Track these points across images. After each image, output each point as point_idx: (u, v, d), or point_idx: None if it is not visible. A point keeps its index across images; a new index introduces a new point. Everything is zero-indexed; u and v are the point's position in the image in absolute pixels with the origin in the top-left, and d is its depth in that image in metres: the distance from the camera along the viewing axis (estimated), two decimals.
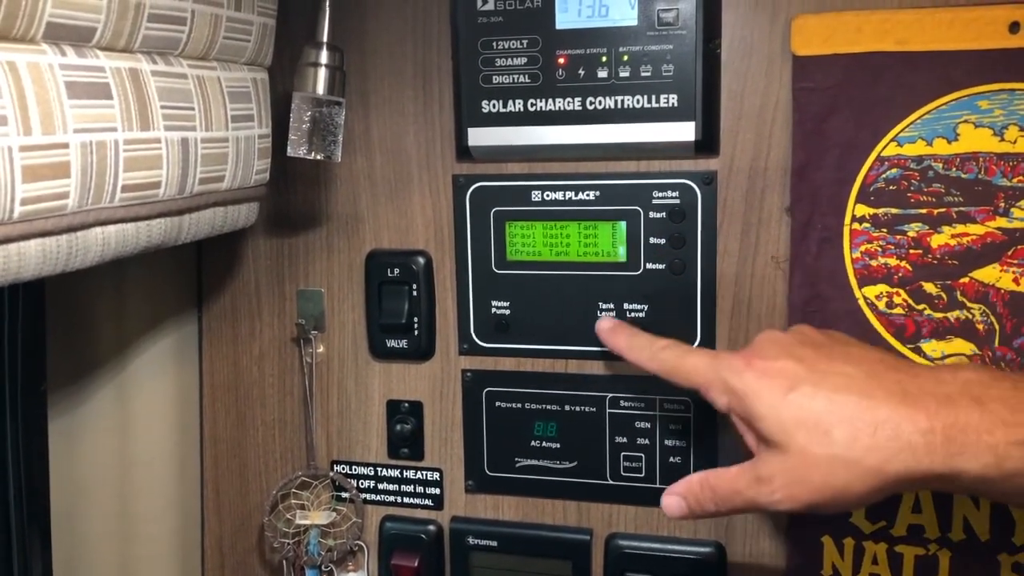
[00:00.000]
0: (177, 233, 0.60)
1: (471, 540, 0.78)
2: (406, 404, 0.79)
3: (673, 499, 0.56)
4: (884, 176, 0.65)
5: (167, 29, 0.54)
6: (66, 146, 0.46)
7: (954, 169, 0.63)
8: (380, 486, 0.81)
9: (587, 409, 0.74)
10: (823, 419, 0.49)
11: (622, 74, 0.68)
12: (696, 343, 0.71)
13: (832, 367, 0.51)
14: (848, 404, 0.48)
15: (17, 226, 0.44)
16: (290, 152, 0.67)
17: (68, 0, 0.46)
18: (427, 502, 0.80)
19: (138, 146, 0.52)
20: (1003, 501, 0.55)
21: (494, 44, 0.70)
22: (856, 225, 0.66)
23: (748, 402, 0.52)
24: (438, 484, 0.79)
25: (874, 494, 0.48)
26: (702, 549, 0.73)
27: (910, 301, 0.65)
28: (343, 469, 0.82)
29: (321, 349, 0.81)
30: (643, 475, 0.74)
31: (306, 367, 0.81)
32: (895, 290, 0.65)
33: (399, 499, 0.81)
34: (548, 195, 0.72)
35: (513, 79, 0.70)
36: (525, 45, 0.69)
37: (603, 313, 0.72)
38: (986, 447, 0.45)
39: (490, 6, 0.69)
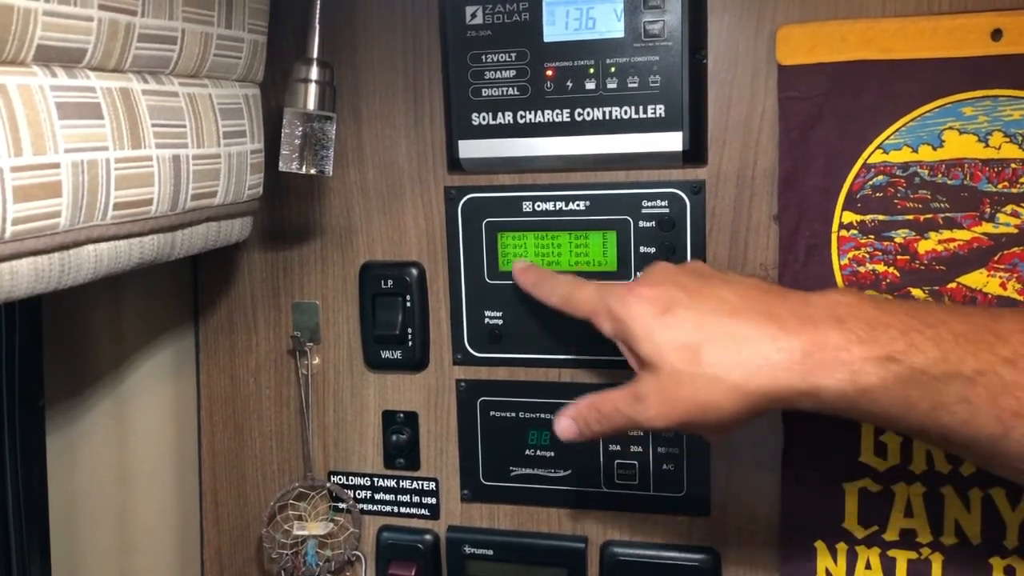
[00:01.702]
0: (170, 249, 0.60)
1: (467, 549, 0.78)
2: (401, 415, 0.79)
3: (565, 421, 0.59)
4: (870, 183, 0.65)
5: (157, 48, 0.55)
6: (57, 166, 0.47)
7: (940, 175, 0.64)
8: (376, 496, 0.81)
9: None
10: (692, 338, 0.50)
11: (609, 85, 0.68)
12: None
13: (709, 291, 0.53)
14: (716, 324, 0.50)
15: (8, 245, 0.45)
16: (282, 167, 0.67)
17: (58, 23, 0.46)
18: (423, 511, 0.80)
19: (130, 164, 0.53)
20: (870, 422, 0.57)
21: (483, 57, 0.71)
22: (843, 232, 0.66)
23: (627, 325, 0.54)
24: (434, 494, 0.80)
25: (741, 412, 0.50)
26: (696, 556, 0.73)
27: None
28: (340, 480, 0.82)
29: (317, 361, 0.81)
30: (637, 483, 0.74)
31: (302, 379, 0.81)
32: (883, 296, 0.66)
33: (395, 509, 0.81)
34: (539, 206, 0.73)
35: (502, 92, 0.71)
36: (513, 58, 0.70)
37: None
38: (841, 363, 0.47)
39: (478, 20, 0.70)
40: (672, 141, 0.68)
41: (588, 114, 0.69)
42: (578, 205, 0.72)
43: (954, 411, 0.46)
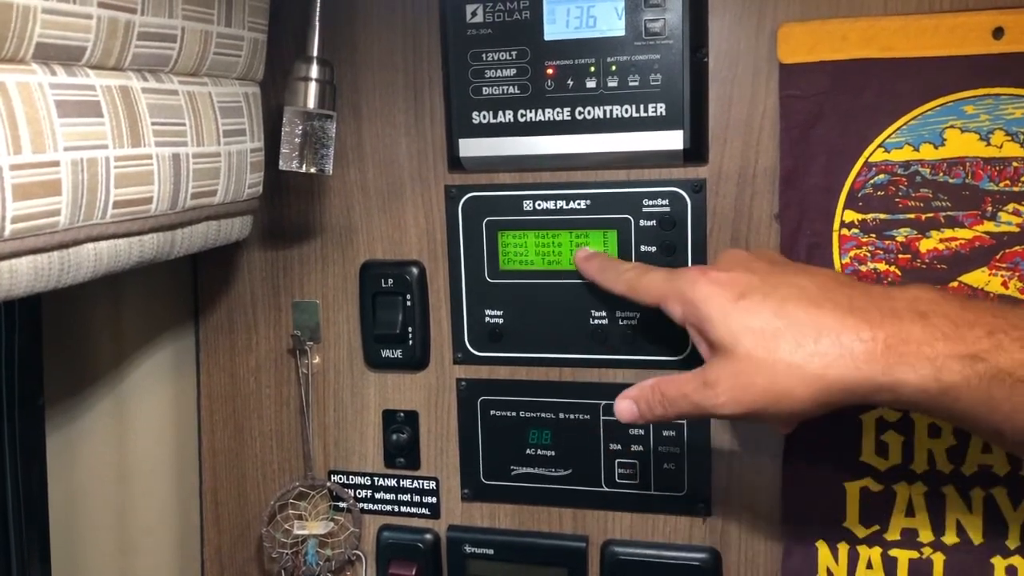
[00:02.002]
0: (170, 248, 0.60)
1: (468, 548, 0.78)
2: (402, 414, 0.79)
3: (626, 403, 0.57)
4: (872, 182, 0.65)
5: (157, 47, 0.55)
6: (57, 164, 0.47)
7: (941, 174, 0.64)
8: (377, 495, 0.81)
9: (581, 417, 0.75)
10: (769, 325, 0.50)
11: (610, 84, 0.68)
12: (688, 349, 0.71)
13: (785, 279, 0.52)
14: (795, 312, 0.49)
15: (8, 244, 0.45)
16: (282, 166, 0.67)
17: (58, 21, 0.46)
18: (424, 511, 0.80)
19: (129, 162, 0.53)
20: (948, 420, 0.55)
21: (483, 56, 0.70)
22: (845, 231, 0.66)
23: (699, 308, 0.53)
24: (434, 493, 0.80)
25: (817, 401, 0.49)
26: (698, 555, 0.73)
27: None
28: (340, 479, 0.82)
29: (317, 360, 0.81)
30: (638, 482, 0.74)
31: (302, 378, 0.81)
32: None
33: (396, 508, 0.81)
34: (540, 204, 0.73)
35: (503, 90, 0.71)
36: (514, 56, 0.70)
37: (595, 320, 0.73)
38: (925, 358, 0.46)
39: (479, 19, 0.70)
40: (673, 140, 0.68)
41: (589, 112, 0.69)
42: (579, 204, 0.72)
43: None
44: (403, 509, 0.81)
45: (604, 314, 0.72)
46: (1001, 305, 0.49)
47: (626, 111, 0.68)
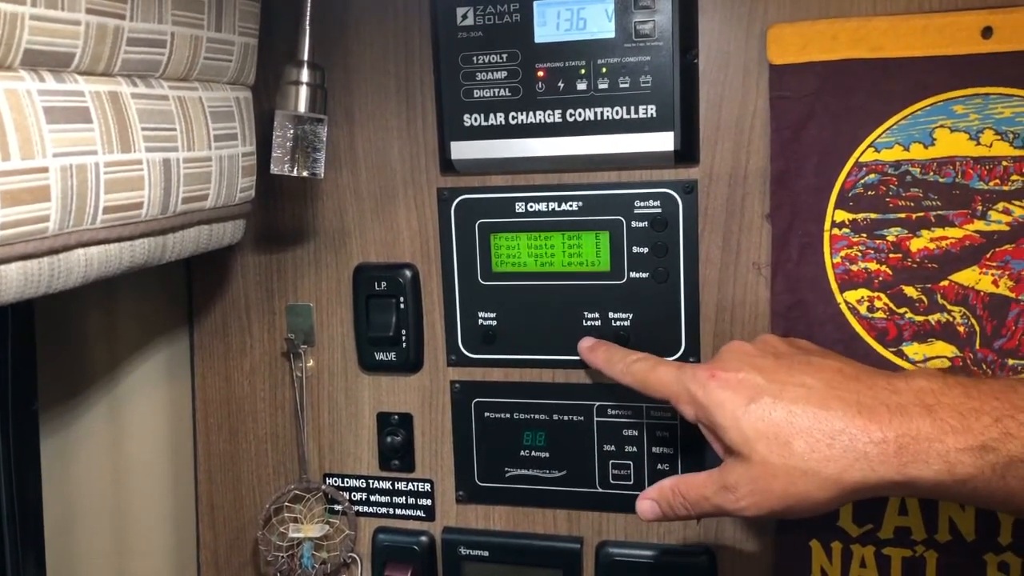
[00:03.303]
0: (161, 252, 0.60)
1: (463, 550, 0.78)
2: (396, 416, 0.79)
3: (647, 503, 0.58)
4: (862, 182, 0.65)
5: (146, 52, 0.55)
6: (46, 170, 0.47)
7: (931, 173, 0.64)
8: (372, 498, 0.81)
9: (575, 418, 0.75)
10: (782, 430, 0.50)
11: (601, 86, 0.68)
12: (680, 350, 0.71)
13: (792, 378, 0.52)
14: (806, 416, 0.50)
15: None
16: (273, 169, 0.67)
17: (46, 27, 0.46)
18: (419, 513, 0.80)
19: (119, 168, 0.53)
20: (969, 503, 0.56)
21: (474, 59, 0.71)
22: (836, 230, 0.66)
23: (711, 413, 0.54)
24: (429, 495, 0.80)
25: (835, 501, 0.50)
26: (692, 556, 0.73)
27: (891, 305, 0.66)
28: (335, 482, 0.82)
29: (311, 363, 0.81)
30: (632, 483, 0.74)
31: (296, 381, 0.81)
32: (876, 294, 0.66)
33: (391, 511, 0.81)
34: (532, 206, 0.73)
35: (494, 93, 0.71)
36: (505, 59, 0.70)
37: (588, 322, 0.73)
38: (936, 455, 0.47)
39: (469, 21, 0.70)
40: (664, 141, 0.68)
41: (580, 115, 0.69)
42: (571, 205, 0.72)
43: None
44: (398, 511, 0.81)
45: (597, 315, 0.73)
46: (1005, 386, 0.49)
47: (617, 113, 0.68)
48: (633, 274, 0.71)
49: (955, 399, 0.48)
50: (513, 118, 0.71)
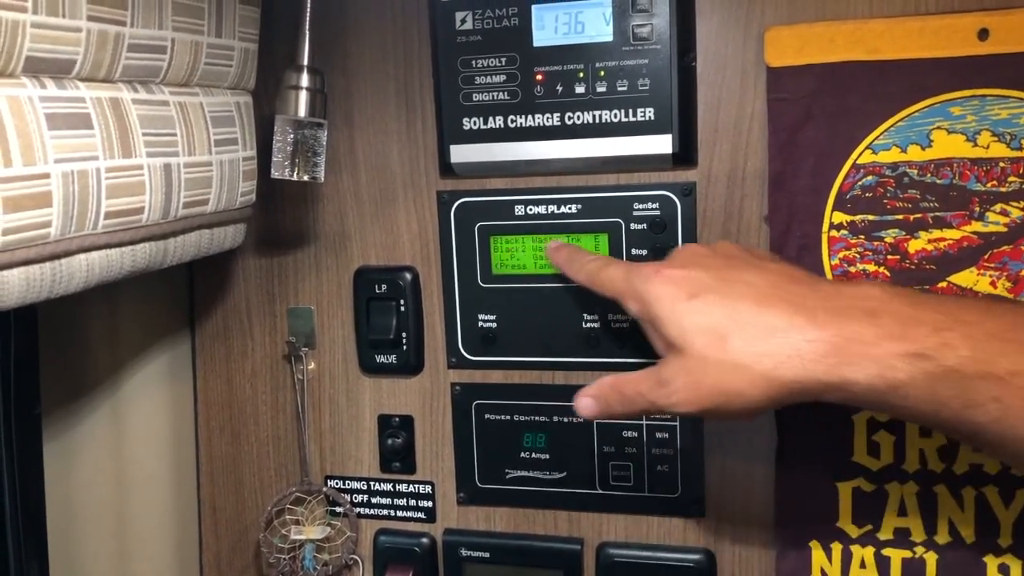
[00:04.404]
0: (163, 257, 0.61)
1: (464, 552, 0.79)
2: (397, 418, 0.80)
3: (585, 400, 0.58)
4: (860, 183, 0.65)
5: (147, 58, 0.56)
6: (47, 176, 0.48)
7: (929, 175, 0.64)
8: (373, 500, 0.82)
9: (575, 420, 0.75)
10: (721, 325, 0.50)
11: (599, 89, 0.69)
12: None
13: (737, 276, 0.52)
14: (746, 312, 0.50)
15: None
16: (274, 174, 0.68)
17: (47, 34, 0.47)
18: (420, 515, 0.81)
19: (120, 173, 0.53)
20: (901, 417, 0.56)
21: (473, 62, 0.71)
22: (834, 232, 0.66)
23: (652, 306, 0.54)
24: (430, 497, 0.80)
25: (767, 400, 0.49)
26: (692, 556, 0.74)
27: None
28: (336, 484, 0.82)
29: (312, 366, 0.82)
30: (631, 484, 0.74)
31: (298, 384, 0.82)
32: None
33: (392, 513, 0.81)
34: (531, 209, 0.73)
35: (493, 96, 0.71)
36: (503, 63, 0.70)
37: (588, 323, 0.73)
38: (872, 359, 0.47)
39: (468, 25, 0.71)
40: (662, 143, 0.68)
41: (578, 118, 0.69)
42: (570, 208, 0.72)
43: (986, 410, 0.45)
44: (399, 513, 0.81)
45: (596, 317, 0.73)
46: (951, 301, 0.49)
47: (615, 116, 0.69)
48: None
49: (899, 307, 0.48)
50: (512, 121, 0.71)
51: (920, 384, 0.46)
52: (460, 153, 0.73)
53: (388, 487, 0.81)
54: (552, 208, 0.73)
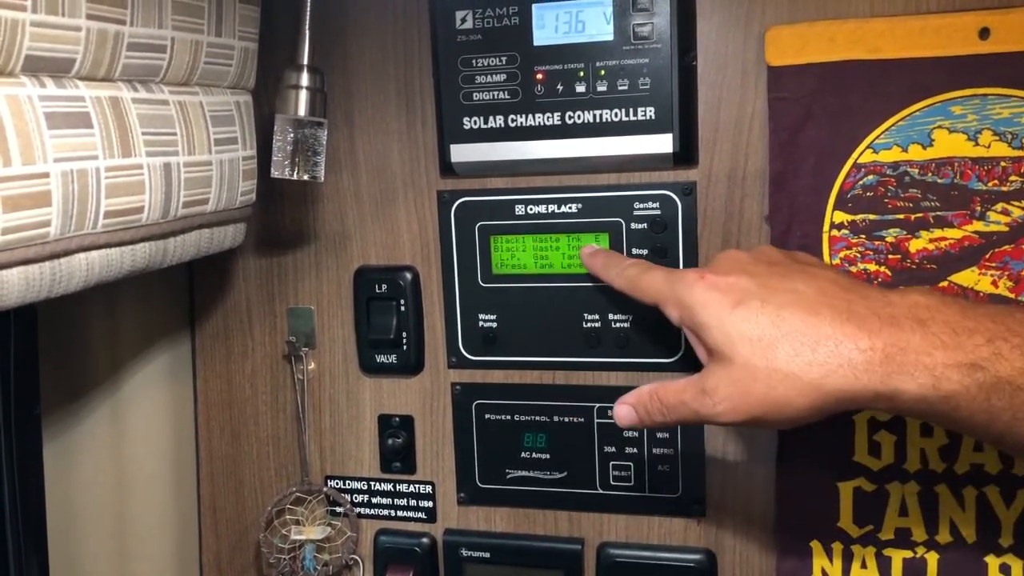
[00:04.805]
0: (162, 256, 0.61)
1: (464, 552, 0.79)
2: (397, 418, 0.80)
3: (625, 408, 0.57)
4: (861, 183, 0.65)
5: (147, 57, 0.55)
6: (47, 175, 0.48)
7: (930, 174, 0.64)
8: (373, 500, 0.82)
9: (576, 419, 0.75)
10: (767, 333, 0.49)
11: (600, 88, 0.68)
12: (681, 352, 0.71)
13: (783, 284, 0.51)
14: (793, 320, 0.49)
15: None
16: (274, 173, 0.68)
17: (46, 33, 0.47)
18: (420, 515, 0.81)
19: (120, 172, 0.53)
20: (950, 427, 0.54)
21: (473, 62, 0.71)
22: (835, 232, 0.66)
23: (696, 313, 0.53)
24: (431, 497, 0.80)
25: (815, 410, 0.48)
26: (692, 556, 0.73)
27: None
28: (337, 484, 0.82)
29: (312, 366, 0.81)
30: (632, 484, 0.74)
31: (298, 384, 0.81)
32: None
33: (392, 513, 0.81)
34: (531, 209, 0.73)
35: (493, 96, 0.71)
36: (504, 62, 0.70)
37: (588, 323, 0.73)
38: (923, 367, 0.46)
39: (468, 24, 0.70)
40: (663, 143, 0.68)
41: (579, 117, 0.69)
42: (570, 207, 0.72)
43: None
44: (399, 513, 0.81)
45: (597, 317, 0.73)
46: (1002, 310, 0.48)
47: (616, 115, 0.69)
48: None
49: (950, 316, 0.47)
50: (512, 121, 0.71)
51: (973, 395, 0.45)
52: (460, 152, 0.73)
53: (388, 487, 0.81)
54: (552, 208, 0.72)
